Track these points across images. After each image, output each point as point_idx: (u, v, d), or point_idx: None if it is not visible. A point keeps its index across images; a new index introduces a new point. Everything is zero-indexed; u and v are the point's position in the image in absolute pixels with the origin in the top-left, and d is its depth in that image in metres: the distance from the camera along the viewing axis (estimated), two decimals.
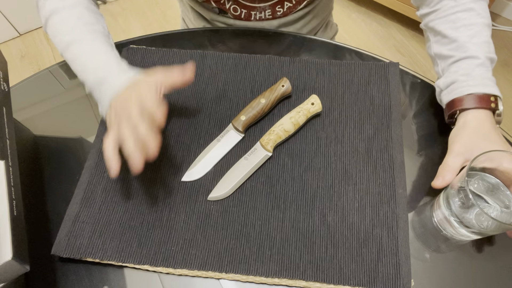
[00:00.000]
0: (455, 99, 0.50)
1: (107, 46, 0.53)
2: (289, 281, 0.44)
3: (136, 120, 0.43)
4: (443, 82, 0.52)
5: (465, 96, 0.49)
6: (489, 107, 0.48)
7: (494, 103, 0.48)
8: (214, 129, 0.55)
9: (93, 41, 0.53)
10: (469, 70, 0.50)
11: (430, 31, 0.57)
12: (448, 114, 0.51)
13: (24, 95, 0.62)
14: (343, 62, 0.61)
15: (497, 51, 0.51)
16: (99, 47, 0.52)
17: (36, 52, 1.70)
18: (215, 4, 0.68)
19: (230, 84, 0.59)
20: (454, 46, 0.52)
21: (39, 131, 0.58)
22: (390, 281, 0.44)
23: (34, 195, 0.52)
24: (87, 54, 0.52)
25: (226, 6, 0.68)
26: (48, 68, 0.64)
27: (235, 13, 0.69)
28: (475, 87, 0.49)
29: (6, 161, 0.46)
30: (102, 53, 0.52)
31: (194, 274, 0.45)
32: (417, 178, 0.52)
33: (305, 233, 0.47)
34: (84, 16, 0.54)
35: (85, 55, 0.52)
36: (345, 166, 0.52)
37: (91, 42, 0.53)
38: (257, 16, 0.70)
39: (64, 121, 0.59)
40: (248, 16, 0.70)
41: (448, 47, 0.53)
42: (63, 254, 0.46)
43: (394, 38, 1.71)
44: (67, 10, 0.54)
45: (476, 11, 0.52)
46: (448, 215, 0.46)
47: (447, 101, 0.51)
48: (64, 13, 0.54)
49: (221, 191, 0.50)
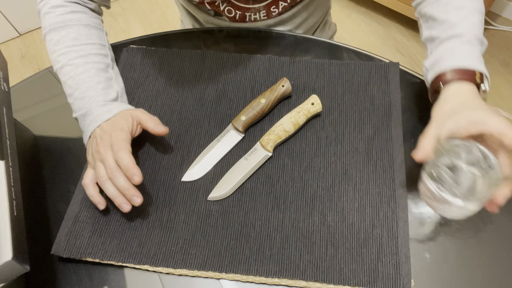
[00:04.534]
0: (439, 74, 0.49)
1: (98, 74, 0.53)
2: (289, 281, 0.44)
3: (113, 171, 0.45)
4: (429, 62, 0.52)
5: (448, 71, 0.48)
6: (473, 80, 0.46)
7: (480, 79, 0.47)
8: (214, 129, 0.55)
9: (84, 67, 0.53)
10: (455, 47, 0.49)
11: (422, 17, 0.56)
12: (432, 89, 0.50)
13: (24, 95, 0.62)
14: (343, 62, 0.61)
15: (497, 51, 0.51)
16: (89, 76, 0.53)
17: (36, 52, 1.70)
18: (210, 6, 0.68)
19: (230, 84, 0.59)
20: (443, 28, 0.51)
21: (39, 131, 0.58)
22: (390, 281, 0.44)
23: (34, 195, 0.52)
24: (77, 81, 0.52)
25: (220, 8, 0.68)
26: (48, 68, 0.64)
27: (230, 15, 0.69)
28: (459, 61, 0.47)
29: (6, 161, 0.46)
30: (92, 83, 0.52)
31: (194, 274, 0.45)
32: (417, 178, 0.52)
33: (305, 233, 0.47)
34: (81, 37, 0.55)
35: (74, 81, 0.52)
36: (345, 166, 0.52)
37: (82, 68, 0.53)
38: (251, 17, 0.69)
39: (64, 121, 0.59)
40: (242, 18, 0.70)
41: (437, 29, 0.52)
42: (63, 254, 0.46)
43: (394, 38, 1.71)
44: (65, 29, 0.55)
45: None
46: (432, 186, 0.44)
47: (431, 79, 0.50)
48: (62, 32, 0.55)
49: (221, 191, 0.50)
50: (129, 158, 0.45)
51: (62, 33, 0.55)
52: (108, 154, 0.46)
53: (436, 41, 0.52)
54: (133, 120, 0.50)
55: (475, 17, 0.51)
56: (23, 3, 1.64)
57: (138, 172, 0.45)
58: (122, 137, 0.47)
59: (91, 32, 0.56)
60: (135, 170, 0.45)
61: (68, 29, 0.55)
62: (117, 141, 0.47)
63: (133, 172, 0.45)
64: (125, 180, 0.45)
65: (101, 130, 0.49)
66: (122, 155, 0.45)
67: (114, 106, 0.51)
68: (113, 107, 0.51)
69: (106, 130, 0.48)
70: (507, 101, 1.50)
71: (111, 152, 0.46)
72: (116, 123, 0.49)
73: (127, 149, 0.46)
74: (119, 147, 0.46)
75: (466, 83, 0.47)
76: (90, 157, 0.49)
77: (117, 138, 0.47)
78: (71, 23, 0.55)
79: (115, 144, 0.47)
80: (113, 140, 0.47)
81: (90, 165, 0.49)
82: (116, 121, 0.49)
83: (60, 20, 0.55)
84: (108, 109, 0.51)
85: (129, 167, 0.45)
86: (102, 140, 0.48)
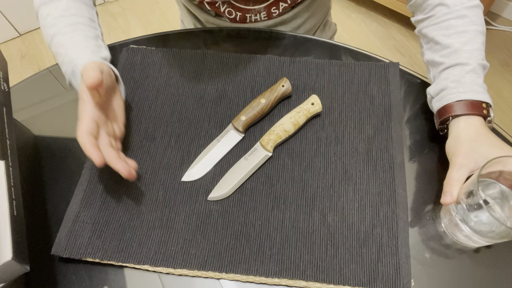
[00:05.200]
0: (445, 105, 0.49)
1: (87, 38, 0.54)
2: (289, 281, 0.44)
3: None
4: (433, 89, 0.52)
5: (455, 102, 0.48)
6: (481, 114, 0.47)
7: (485, 109, 0.48)
8: (214, 129, 0.55)
9: (73, 34, 0.53)
10: (460, 76, 0.49)
11: (423, 37, 0.57)
12: (440, 121, 0.51)
13: (24, 95, 0.62)
14: (343, 62, 0.61)
15: (497, 51, 0.51)
16: (78, 40, 0.53)
17: (36, 52, 1.70)
18: (210, 7, 0.68)
19: (230, 84, 0.59)
20: (446, 53, 0.51)
21: (39, 131, 0.58)
22: (390, 281, 0.44)
23: (34, 195, 0.52)
24: (67, 46, 0.53)
25: (221, 9, 0.68)
26: (48, 68, 0.64)
27: (230, 16, 0.69)
28: (466, 93, 0.48)
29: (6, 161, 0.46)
30: (80, 46, 0.52)
31: (194, 274, 0.45)
32: (417, 178, 0.52)
33: (305, 233, 0.47)
34: (70, 8, 0.55)
35: (64, 48, 0.53)
36: (345, 166, 0.52)
37: (71, 35, 0.53)
38: (252, 18, 0.70)
39: (64, 121, 0.59)
40: (243, 19, 0.70)
41: (440, 54, 0.52)
42: (63, 254, 0.46)
43: (394, 38, 1.71)
44: (54, 2, 0.55)
45: (470, 18, 0.51)
46: (457, 220, 0.45)
47: (437, 108, 0.51)
48: (51, 5, 0.55)
49: (221, 191, 0.50)
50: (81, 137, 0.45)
51: (51, 6, 0.55)
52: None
53: (440, 67, 0.52)
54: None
55: (478, 40, 0.51)
56: (23, 3, 1.64)
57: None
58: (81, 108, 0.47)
59: (80, 6, 0.57)
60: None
61: (58, 1, 0.55)
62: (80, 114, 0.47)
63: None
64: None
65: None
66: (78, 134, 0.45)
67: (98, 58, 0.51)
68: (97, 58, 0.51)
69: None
70: (507, 101, 1.51)
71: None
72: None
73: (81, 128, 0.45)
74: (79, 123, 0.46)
75: (475, 117, 0.47)
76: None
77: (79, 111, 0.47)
78: None
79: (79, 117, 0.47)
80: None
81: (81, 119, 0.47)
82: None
83: None
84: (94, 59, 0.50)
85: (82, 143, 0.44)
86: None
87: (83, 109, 0.47)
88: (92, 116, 0.46)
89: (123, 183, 0.51)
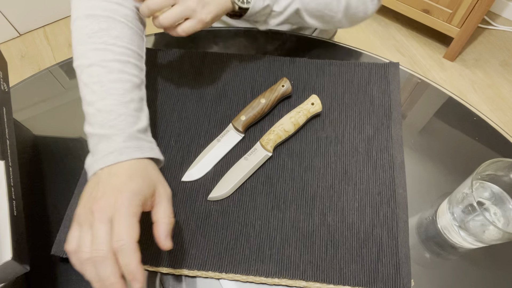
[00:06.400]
0: None
1: (132, 90, 0.44)
2: (289, 281, 0.44)
3: (99, 253, 0.33)
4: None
5: None
6: None
7: None
8: (214, 129, 0.55)
9: (119, 76, 0.43)
10: None
11: None
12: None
13: (24, 95, 0.62)
14: (343, 62, 0.61)
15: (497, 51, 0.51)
16: (123, 89, 0.42)
17: (36, 52, 1.70)
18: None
19: (230, 84, 0.59)
20: None
21: (39, 131, 0.58)
22: (390, 281, 0.44)
23: (34, 195, 0.52)
24: (106, 89, 0.42)
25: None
26: (48, 68, 0.64)
27: None
28: None
29: (6, 161, 0.46)
30: (125, 99, 0.42)
31: (194, 274, 0.45)
32: (417, 178, 0.52)
33: (305, 233, 0.47)
34: (123, 38, 0.45)
35: (103, 88, 0.42)
36: (345, 166, 0.52)
37: (116, 76, 0.43)
38: None
39: (64, 121, 0.59)
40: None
41: None
42: (63, 254, 0.46)
43: (394, 38, 1.71)
44: (108, 22, 0.45)
45: None
46: (452, 221, 0.46)
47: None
48: (103, 24, 0.44)
49: (221, 191, 0.50)
50: (133, 254, 0.33)
51: (102, 25, 0.44)
52: (101, 227, 0.34)
53: None
54: (154, 195, 0.38)
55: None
56: (23, 3, 1.64)
57: (142, 277, 0.33)
58: (130, 210, 0.35)
59: (134, 37, 0.47)
60: (138, 275, 0.33)
61: (112, 23, 0.45)
62: (123, 214, 0.34)
63: (134, 276, 0.33)
64: (113, 272, 0.33)
65: (110, 176, 0.37)
66: (124, 247, 0.33)
67: (145, 145, 0.41)
68: (143, 146, 0.41)
69: (115, 184, 0.36)
70: (507, 101, 1.50)
71: (107, 225, 0.34)
72: (133, 179, 0.37)
73: (132, 233, 0.34)
74: (122, 225, 0.34)
75: None
76: (82, 208, 0.36)
77: (123, 208, 0.35)
78: (116, 17, 0.45)
79: (117, 217, 0.34)
80: (118, 208, 0.35)
81: (78, 220, 0.36)
82: (134, 176, 0.37)
83: (103, 7, 0.45)
84: (137, 145, 0.40)
85: (131, 269, 0.33)
86: (103, 197, 0.35)
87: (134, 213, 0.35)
88: None
89: None
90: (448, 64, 1.61)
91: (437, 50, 1.65)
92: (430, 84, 0.60)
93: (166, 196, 0.39)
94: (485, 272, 0.45)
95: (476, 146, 0.54)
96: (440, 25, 1.52)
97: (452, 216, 0.45)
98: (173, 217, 0.39)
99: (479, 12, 1.38)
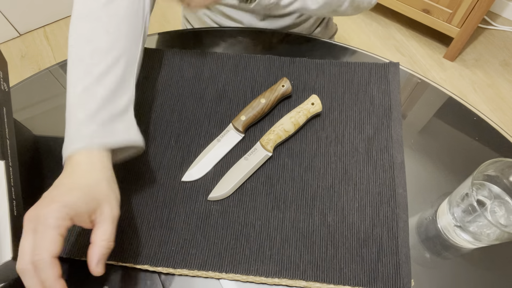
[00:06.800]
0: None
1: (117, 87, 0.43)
2: (289, 281, 0.44)
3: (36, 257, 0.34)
4: None
5: None
6: None
7: None
8: (214, 129, 0.55)
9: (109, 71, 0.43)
10: None
11: None
12: None
13: (24, 95, 0.62)
14: (343, 62, 0.61)
15: (497, 51, 0.51)
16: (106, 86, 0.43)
17: (36, 52, 1.70)
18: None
19: (230, 84, 0.59)
20: None
21: (39, 131, 0.58)
22: (390, 281, 0.44)
23: (34, 195, 0.52)
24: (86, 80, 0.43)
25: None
26: (48, 68, 0.64)
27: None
28: None
29: (6, 161, 0.46)
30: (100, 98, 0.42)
31: (194, 274, 0.45)
32: (417, 178, 0.52)
33: (305, 233, 0.47)
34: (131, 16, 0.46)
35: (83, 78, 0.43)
36: (345, 166, 0.52)
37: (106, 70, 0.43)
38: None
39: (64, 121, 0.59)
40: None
41: None
42: (63, 254, 0.46)
43: (394, 38, 1.71)
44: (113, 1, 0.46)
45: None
46: (452, 221, 0.46)
47: None
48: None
49: (221, 191, 0.50)
50: (49, 270, 0.33)
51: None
52: (26, 238, 0.34)
53: None
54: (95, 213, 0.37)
55: None
56: (23, 3, 1.64)
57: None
58: (54, 223, 0.34)
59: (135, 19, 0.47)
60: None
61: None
62: (45, 226, 0.34)
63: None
64: (34, 284, 0.33)
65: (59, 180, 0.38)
66: (40, 262, 0.33)
67: (117, 131, 0.40)
68: (115, 131, 0.40)
69: (53, 193, 0.37)
70: (507, 101, 1.51)
71: (31, 236, 0.34)
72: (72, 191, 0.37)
73: (51, 248, 0.33)
74: (43, 238, 0.33)
75: None
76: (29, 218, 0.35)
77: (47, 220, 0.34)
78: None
79: (40, 228, 0.34)
80: (43, 219, 0.34)
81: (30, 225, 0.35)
82: (74, 189, 0.37)
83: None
84: (107, 130, 0.40)
85: (49, 285, 0.33)
86: (36, 206, 0.35)
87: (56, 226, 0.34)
88: None
89: (123, 183, 0.51)
90: (448, 64, 1.61)
91: (437, 50, 1.65)
92: (430, 84, 0.60)
93: (111, 218, 0.38)
94: (485, 272, 0.45)
95: (476, 146, 0.54)
96: (440, 25, 1.52)
97: (452, 216, 0.45)
98: (113, 241, 0.37)
99: (479, 12, 1.38)
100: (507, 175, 0.45)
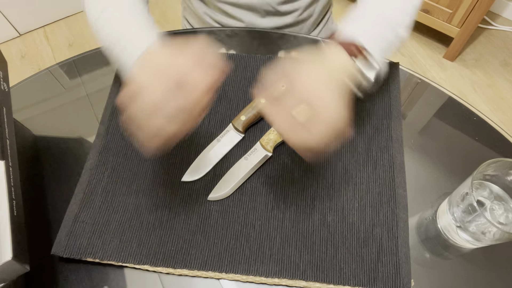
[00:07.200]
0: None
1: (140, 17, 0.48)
2: (289, 281, 0.44)
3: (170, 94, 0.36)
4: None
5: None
6: (349, 50, 0.42)
7: (357, 50, 0.42)
8: (214, 129, 0.55)
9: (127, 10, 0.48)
10: (356, 14, 0.46)
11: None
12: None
13: (24, 95, 0.62)
14: None
15: (497, 51, 0.51)
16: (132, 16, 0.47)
17: (36, 52, 1.70)
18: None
19: (230, 84, 0.59)
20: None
21: (39, 131, 0.58)
22: (390, 281, 0.44)
23: (34, 195, 0.52)
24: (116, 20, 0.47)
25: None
26: (48, 68, 0.64)
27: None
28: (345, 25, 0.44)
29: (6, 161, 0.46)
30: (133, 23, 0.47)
31: (194, 274, 0.45)
32: (417, 178, 0.52)
33: (305, 233, 0.47)
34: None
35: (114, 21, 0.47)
36: (345, 166, 0.52)
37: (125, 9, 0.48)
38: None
39: (64, 121, 0.59)
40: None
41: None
42: (63, 254, 0.46)
43: None
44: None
45: None
46: (452, 221, 0.46)
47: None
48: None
49: (221, 191, 0.50)
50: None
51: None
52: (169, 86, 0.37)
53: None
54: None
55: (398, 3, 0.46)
56: (23, 3, 1.64)
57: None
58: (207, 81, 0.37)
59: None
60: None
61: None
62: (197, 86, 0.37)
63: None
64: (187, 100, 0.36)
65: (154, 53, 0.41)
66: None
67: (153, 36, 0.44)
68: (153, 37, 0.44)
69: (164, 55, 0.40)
70: (507, 101, 1.51)
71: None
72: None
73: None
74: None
75: (339, 47, 0.42)
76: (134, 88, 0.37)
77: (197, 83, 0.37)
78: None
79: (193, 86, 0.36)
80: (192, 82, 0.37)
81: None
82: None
83: None
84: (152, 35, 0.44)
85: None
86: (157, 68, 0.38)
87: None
88: None
89: (123, 183, 0.51)
90: (448, 64, 1.61)
91: (437, 50, 1.65)
92: (430, 84, 0.60)
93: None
94: (485, 272, 0.45)
95: (476, 146, 0.54)
96: (440, 25, 1.52)
97: (452, 216, 0.45)
98: None
99: (479, 12, 1.38)
100: (507, 175, 0.45)
